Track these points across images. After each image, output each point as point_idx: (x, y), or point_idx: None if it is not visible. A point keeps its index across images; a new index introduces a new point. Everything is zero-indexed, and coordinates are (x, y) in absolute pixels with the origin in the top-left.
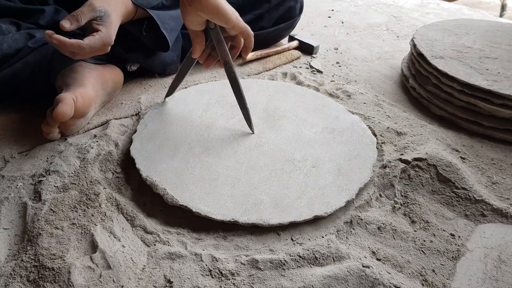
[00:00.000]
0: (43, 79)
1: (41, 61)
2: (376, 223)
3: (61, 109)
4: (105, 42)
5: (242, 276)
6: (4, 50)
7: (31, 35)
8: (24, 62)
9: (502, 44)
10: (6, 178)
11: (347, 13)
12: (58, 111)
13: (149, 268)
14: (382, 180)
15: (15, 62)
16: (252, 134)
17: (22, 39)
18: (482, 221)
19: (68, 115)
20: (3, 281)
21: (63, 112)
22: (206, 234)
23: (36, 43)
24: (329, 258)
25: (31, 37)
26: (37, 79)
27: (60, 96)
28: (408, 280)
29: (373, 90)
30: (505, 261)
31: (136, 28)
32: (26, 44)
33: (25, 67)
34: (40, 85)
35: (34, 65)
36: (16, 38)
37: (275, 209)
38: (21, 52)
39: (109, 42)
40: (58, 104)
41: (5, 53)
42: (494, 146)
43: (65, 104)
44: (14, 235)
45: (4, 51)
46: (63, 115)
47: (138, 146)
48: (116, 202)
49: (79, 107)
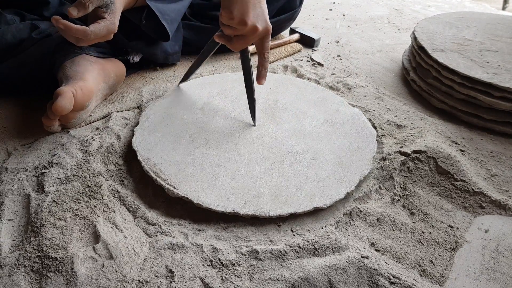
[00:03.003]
0: (46, 70)
1: (44, 52)
2: (375, 215)
3: (60, 103)
4: (109, 30)
5: (243, 266)
6: (8, 40)
7: (35, 26)
8: (28, 54)
9: (503, 37)
10: (9, 170)
11: (348, 6)
12: (57, 104)
13: (151, 258)
14: (382, 172)
15: (19, 53)
16: (253, 126)
17: (26, 30)
18: (481, 213)
19: (68, 108)
20: (7, 271)
21: (62, 105)
22: (207, 225)
23: (40, 34)
24: (328, 249)
25: (35, 28)
26: (40, 70)
27: (59, 90)
28: (406, 271)
29: (373, 83)
30: (503, 252)
31: (136, 16)
32: (30, 35)
33: (28, 58)
34: (43, 76)
35: (37, 57)
36: (20, 29)
37: (275, 200)
38: (24, 43)
39: (113, 30)
40: (58, 98)
41: (9, 43)
42: (493, 139)
43: (64, 97)
44: (18, 226)
45: (8, 41)
46: (62, 108)
47: (140, 139)
48: (118, 194)
49: (79, 100)
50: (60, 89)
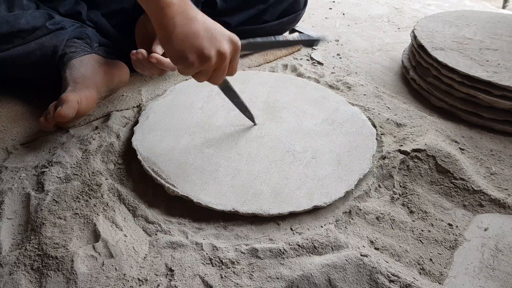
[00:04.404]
0: (53, 64)
1: (55, 45)
2: (374, 213)
3: (65, 112)
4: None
5: (242, 264)
6: (21, 25)
7: (51, 15)
8: (39, 43)
9: (502, 36)
10: (9, 169)
11: (348, 4)
12: (61, 112)
13: (150, 256)
14: (381, 171)
15: (30, 41)
16: (252, 125)
17: (41, 18)
18: (480, 211)
19: (70, 117)
20: (7, 269)
21: (66, 114)
22: (206, 224)
23: (54, 25)
24: (327, 247)
25: (50, 17)
26: (47, 62)
27: (66, 97)
28: (405, 269)
29: (373, 81)
30: (502, 250)
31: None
32: (44, 24)
33: (38, 48)
34: (48, 69)
35: (48, 48)
36: (35, 16)
37: (275, 199)
38: (37, 31)
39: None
40: (63, 105)
41: (22, 29)
42: (493, 137)
43: (69, 107)
44: (18, 225)
45: (21, 26)
46: (65, 117)
47: (139, 138)
48: (118, 193)
49: (82, 109)
50: (66, 96)
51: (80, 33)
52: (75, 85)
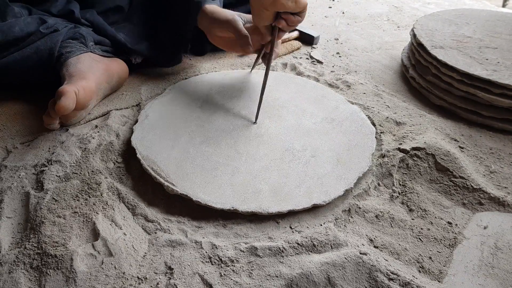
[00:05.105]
0: (50, 66)
1: (50, 47)
2: (374, 212)
3: (64, 103)
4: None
5: (241, 263)
6: (16, 33)
7: (43, 20)
8: (34, 48)
9: (502, 34)
10: (8, 168)
11: (347, 3)
12: (60, 104)
13: (150, 255)
14: (381, 169)
15: (25, 47)
16: (252, 124)
17: (34, 24)
18: (480, 210)
19: (70, 108)
20: (7, 268)
21: (65, 105)
22: (206, 222)
23: (48, 28)
24: (327, 246)
25: (43, 22)
26: (45, 65)
27: (62, 89)
28: (405, 267)
29: (373, 80)
30: (501, 248)
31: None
32: (37, 28)
33: (34, 52)
34: (46, 71)
35: (44, 51)
36: (28, 22)
37: (274, 197)
38: (32, 37)
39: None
40: (61, 98)
41: (16, 36)
42: (492, 136)
43: (68, 97)
44: (17, 224)
45: (16, 34)
46: (65, 108)
47: (139, 136)
48: (117, 191)
49: (81, 100)
50: (63, 88)
51: (74, 34)
52: (70, 78)
